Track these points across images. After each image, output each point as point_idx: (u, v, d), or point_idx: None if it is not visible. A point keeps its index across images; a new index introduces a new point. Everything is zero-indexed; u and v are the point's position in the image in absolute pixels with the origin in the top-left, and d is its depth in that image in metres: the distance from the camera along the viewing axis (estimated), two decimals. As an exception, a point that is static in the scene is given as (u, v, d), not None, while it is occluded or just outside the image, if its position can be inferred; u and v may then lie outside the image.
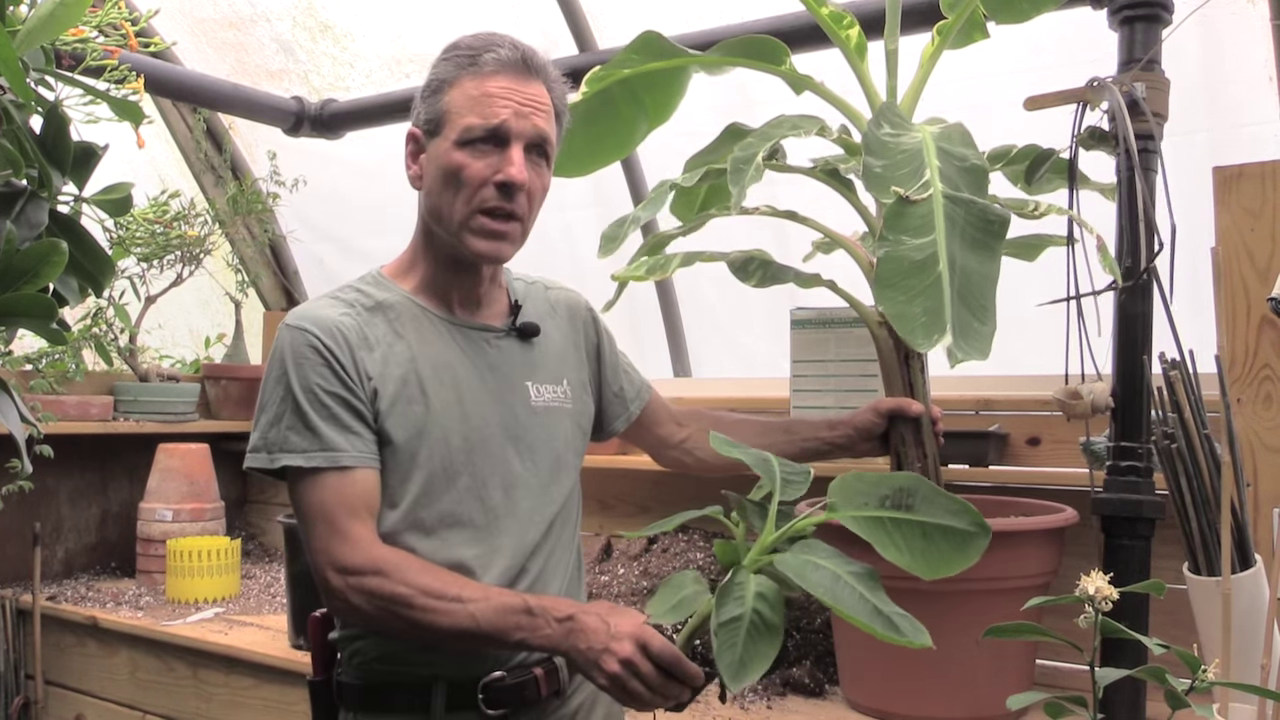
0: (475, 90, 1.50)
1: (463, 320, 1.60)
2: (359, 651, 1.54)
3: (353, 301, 1.55)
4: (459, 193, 1.50)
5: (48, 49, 1.08)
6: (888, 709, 1.87)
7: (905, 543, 1.35)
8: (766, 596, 1.29)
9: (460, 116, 1.50)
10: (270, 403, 1.50)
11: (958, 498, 1.41)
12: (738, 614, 1.27)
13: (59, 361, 3.05)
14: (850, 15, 1.89)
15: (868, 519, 1.36)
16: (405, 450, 1.50)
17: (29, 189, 1.04)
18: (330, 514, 1.45)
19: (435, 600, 1.40)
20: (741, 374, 3.09)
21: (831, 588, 1.27)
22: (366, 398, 1.49)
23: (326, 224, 3.84)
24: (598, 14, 2.93)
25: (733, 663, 1.24)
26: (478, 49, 1.52)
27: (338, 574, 1.43)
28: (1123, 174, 1.74)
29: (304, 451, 1.46)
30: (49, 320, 1.02)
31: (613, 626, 1.37)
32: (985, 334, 1.40)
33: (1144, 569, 1.74)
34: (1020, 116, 1.87)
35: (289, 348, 1.49)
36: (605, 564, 2.69)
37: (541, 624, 1.40)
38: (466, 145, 1.50)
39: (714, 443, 1.52)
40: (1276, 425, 1.79)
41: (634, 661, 1.34)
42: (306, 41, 3.50)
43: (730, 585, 1.30)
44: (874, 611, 1.25)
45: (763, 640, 1.27)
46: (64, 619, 2.90)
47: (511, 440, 1.57)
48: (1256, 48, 2.17)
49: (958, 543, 1.36)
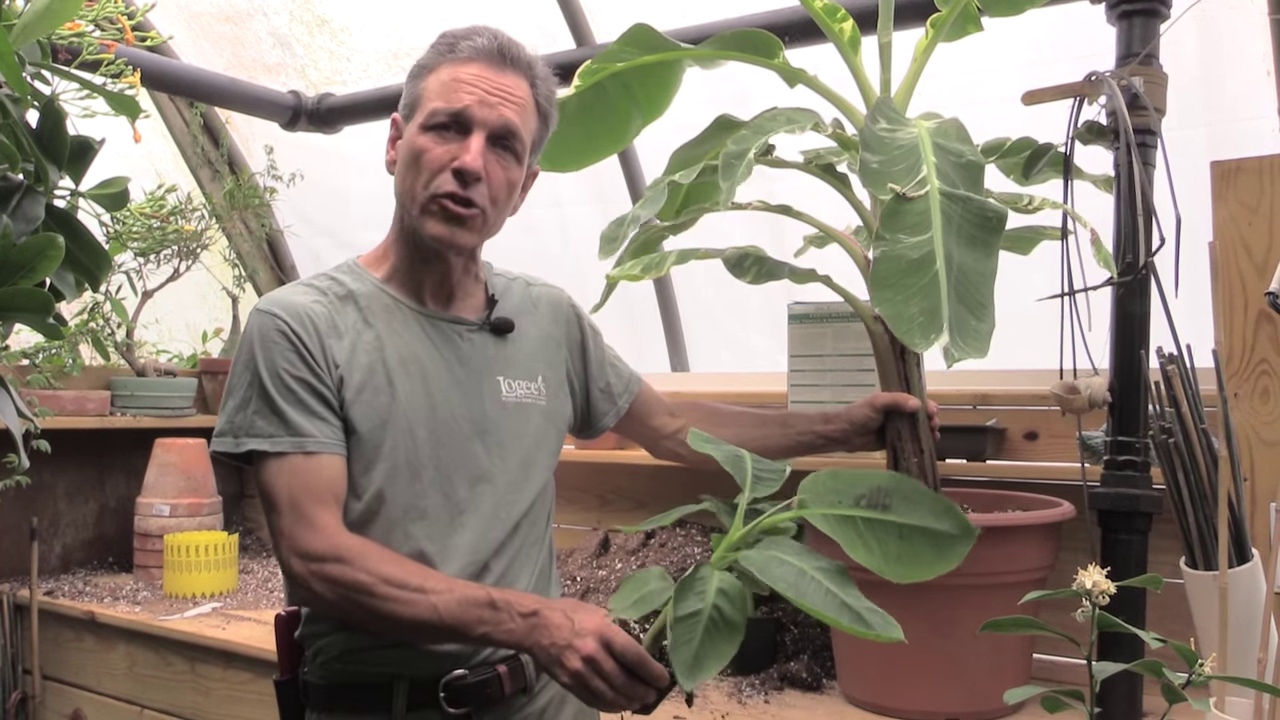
0: (447, 76, 1.51)
1: (434, 312, 1.59)
2: (322, 650, 1.53)
3: (325, 289, 1.55)
4: (419, 176, 1.51)
5: (44, 43, 1.07)
6: (885, 703, 1.87)
7: (878, 544, 1.32)
8: (729, 593, 1.26)
9: (429, 101, 1.51)
10: (237, 387, 1.49)
11: (943, 498, 1.39)
12: (696, 609, 1.24)
13: (56, 356, 3.05)
14: (844, 9, 1.89)
15: (837, 517, 1.33)
16: (369, 440, 1.49)
17: (25, 183, 1.04)
18: (295, 499, 1.44)
19: (397, 589, 1.39)
20: (738, 369, 3.09)
21: (795, 583, 1.23)
22: (333, 385, 1.48)
23: (323, 218, 3.83)
24: (594, 9, 2.93)
25: (687, 659, 1.22)
26: (458, 36, 1.53)
27: (300, 560, 1.42)
28: (1122, 168, 1.74)
29: (270, 436, 1.45)
30: (45, 315, 1.02)
31: (577, 623, 1.35)
32: (983, 332, 1.40)
33: (1141, 563, 1.74)
34: (1015, 111, 1.86)
35: (257, 332, 1.49)
36: (603, 558, 2.69)
37: (505, 618, 1.38)
38: (431, 129, 1.50)
39: (691, 439, 1.51)
40: (1273, 420, 1.80)
41: (597, 659, 1.31)
42: (303, 35, 3.50)
43: (691, 580, 1.27)
44: (841, 605, 1.22)
45: (721, 637, 1.24)
46: (61, 614, 2.90)
47: (479, 434, 1.56)
48: (1254, 42, 2.17)
49: (937, 545, 1.33)
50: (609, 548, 2.74)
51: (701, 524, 2.66)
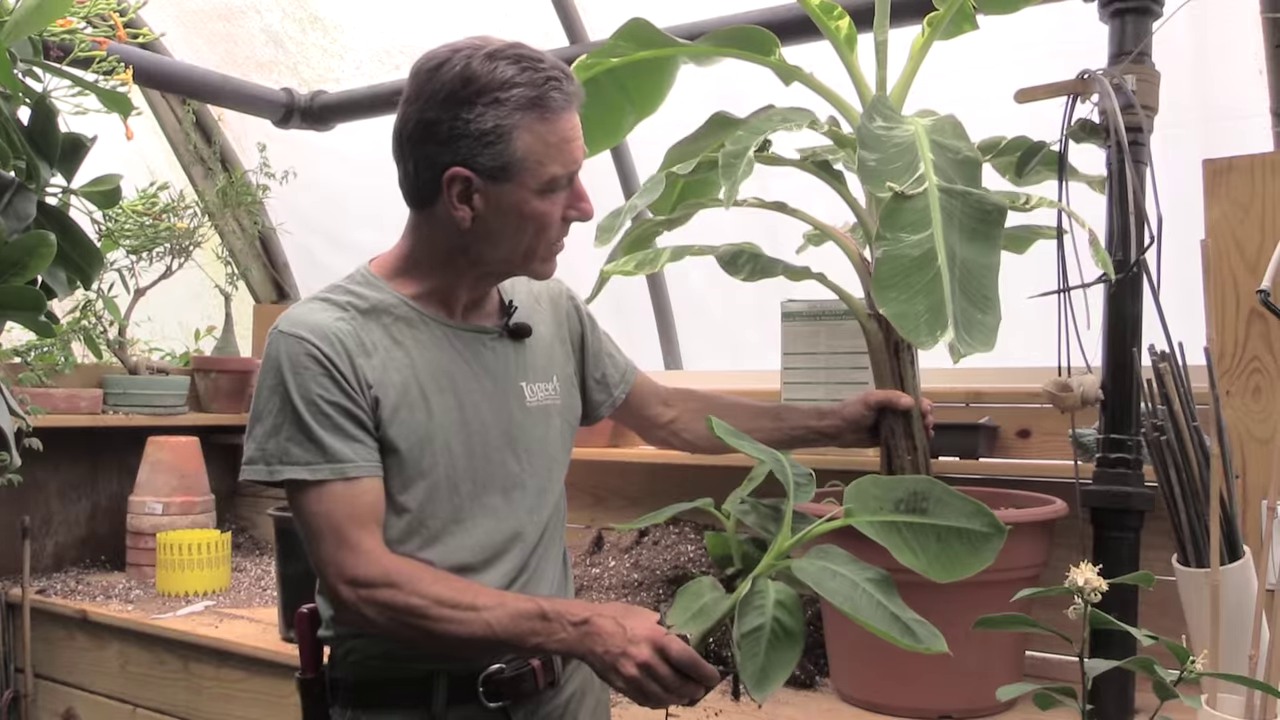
0: (552, 137, 1.43)
1: (458, 323, 1.57)
2: (355, 649, 1.53)
3: (346, 305, 1.50)
4: (540, 236, 1.49)
5: (36, 40, 1.07)
6: (878, 701, 1.87)
7: (920, 546, 1.36)
8: (785, 604, 1.31)
9: (542, 166, 1.43)
10: (266, 413, 1.46)
11: (971, 499, 1.41)
12: (759, 624, 1.30)
13: (48, 354, 3.04)
14: (840, 6, 1.89)
15: (883, 524, 1.37)
16: (408, 458, 1.48)
17: (17, 181, 1.04)
18: (338, 526, 1.43)
19: (450, 610, 1.40)
20: (732, 366, 3.09)
21: (850, 595, 1.29)
22: (368, 406, 1.46)
23: (316, 216, 3.82)
24: (588, 6, 2.93)
25: (755, 672, 1.27)
26: (539, 89, 1.42)
27: (349, 587, 1.42)
28: (1113, 167, 1.75)
29: (308, 464, 1.43)
30: (37, 313, 1.02)
31: (629, 630, 1.37)
32: (989, 325, 1.40)
33: (1133, 561, 1.74)
34: (1009, 109, 1.87)
35: (285, 356, 1.45)
36: (596, 556, 2.69)
37: (557, 629, 1.40)
38: (549, 192, 1.46)
39: (718, 431, 1.53)
40: (1265, 417, 1.80)
41: (652, 665, 1.34)
42: (296, 33, 3.49)
43: (751, 595, 1.32)
44: (892, 619, 1.27)
45: (783, 647, 1.29)
46: (54, 612, 2.90)
47: (509, 443, 1.57)
48: (1246, 40, 2.17)
49: (971, 545, 1.36)
50: (603, 545, 2.74)
51: (695, 521, 2.66)
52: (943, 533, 1.36)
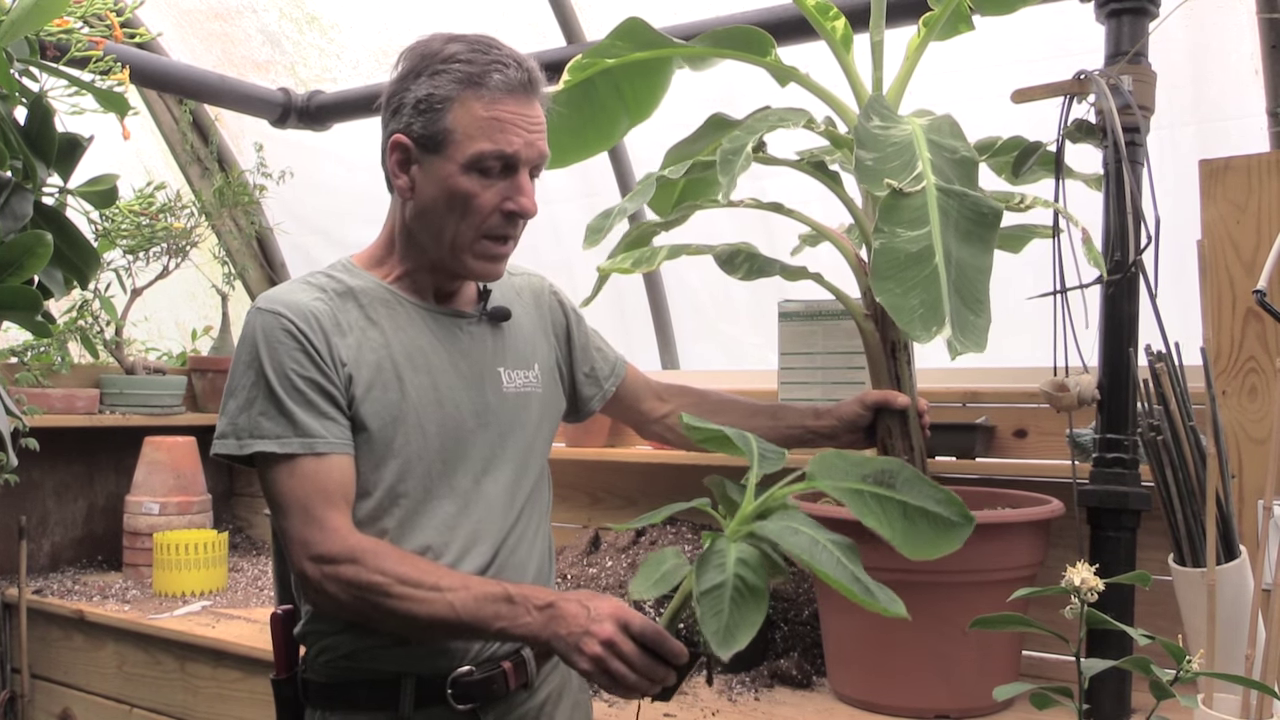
0: (484, 112, 1.46)
1: (434, 306, 1.59)
2: (327, 649, 1.53)
3: (324, 286, 1.53)
4: (465, 218, 1.49)
5: (32, 40, 1.07)
6: (875, 700, 1.87)
7: (886, 518, 1.32)
8: (748, 562, 1.27)
9: (470, 140, 1.46)
10: (240, 387, 1.47)
11: (945, 489, 1.40)
12: (719, 580, 1.24)
13: (44, 354, 3.04)
14: (836, 7, 1.89)
15: (849, 490, 1.33)
16: (380, 437, 1.49)
17: (13, 181, 1.04)
18: (306, 502, 1.43)
19: (413, 589, 1.39)
20: (728, 366, 3.09)
21: (810, 549, 1.24)
22: (341, 383, 1.47)
23: (313, 216, 3.82)
24: (585, 6, 2.92)
25: (719, 630, 1.22)
26: (482, 66, 1.47)
27: (314, 563, 1.42)
28: (1110, 167, 1.75)
29: (278, 437, 1.44)
30: (34, 313, 1.02)
31: (593, 610, 1.35)
32: (980, 326, 1.40)
33: (1130, 560, 1.75)
34: (1006, 109, 1.87)
35: (261, 331, 1.47)
36: (593, 556, 2.69)
37: (521, 612, 1.38)
38: (475, 170, 1.47)
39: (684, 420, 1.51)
40: (1261, 417, 1.80)
41: (615, 641, 1.31)
42: (293, 33, 3.49)
43: (710, 554, 1.28)
44: (852, 577, 1.23)
45: (748, 605, 1.24)
46: (50, 613, 2.89)
47: (484, 426, 1.57)
48: (1242, 41, 2.17)
49: (939, 527, 1.33)
50: (599, 545, 2.74)
51: (692, 521, 2.66)
52: (910, 510, 1.32)
